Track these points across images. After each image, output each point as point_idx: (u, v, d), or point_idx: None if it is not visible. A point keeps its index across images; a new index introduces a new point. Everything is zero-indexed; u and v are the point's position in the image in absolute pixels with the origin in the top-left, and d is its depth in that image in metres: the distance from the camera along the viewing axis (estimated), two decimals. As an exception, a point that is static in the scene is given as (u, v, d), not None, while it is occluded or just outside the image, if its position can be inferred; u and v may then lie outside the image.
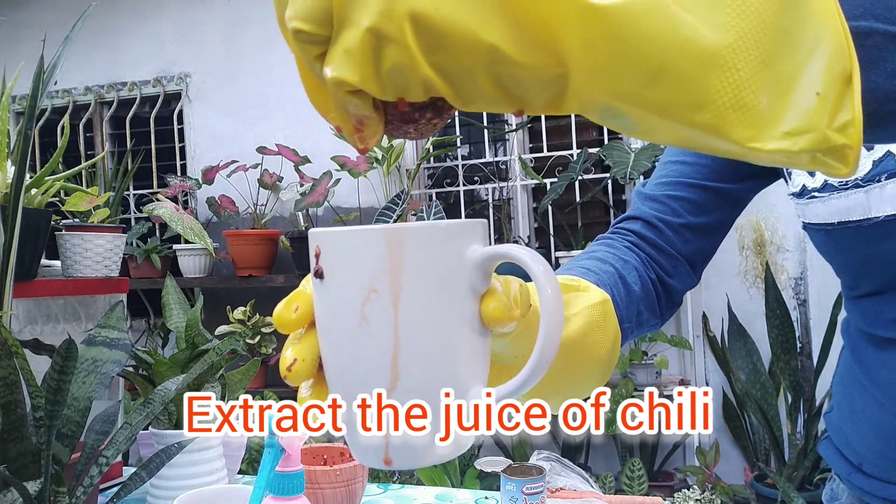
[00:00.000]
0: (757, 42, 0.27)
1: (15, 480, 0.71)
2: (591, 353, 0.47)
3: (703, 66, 0.27)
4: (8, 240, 0.86)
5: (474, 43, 0.27)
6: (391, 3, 0.27)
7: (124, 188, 3.34)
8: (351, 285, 0.33)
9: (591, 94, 0.28)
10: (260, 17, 3.56)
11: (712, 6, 0.27)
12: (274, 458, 0.64)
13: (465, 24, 0.27)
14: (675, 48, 0.27)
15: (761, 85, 0.28)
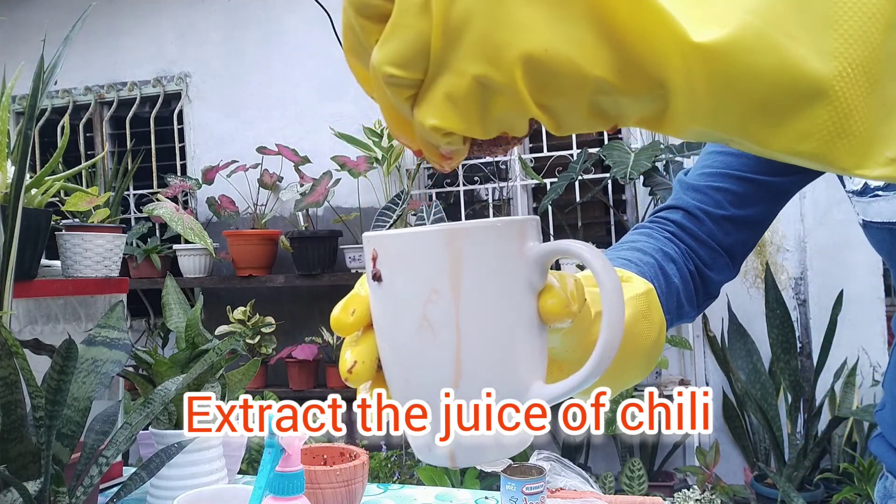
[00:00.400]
0: (864, 67, 0.26)
1: (15, 480, 0.71)
2: (637, 344, 0.47)
3: (810, 98, 0.26)
4: (8, 240, 0.86)
5: (582, 78, 0.27)
6: (500, 50, 0.26)
7: (124, 188, 3.35)
8: (411, 287, 0.33)
9: (690, 122, 0.28)
10: (260, 17, 3.56)
11: (821, 32, 0.26)
12: (274, 458, 0.64)
13: (573, 61, 0.26)
14: (781, 82, 0.26)
15: (867, 111, 0.27)
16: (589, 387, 0.35)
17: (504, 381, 0.34)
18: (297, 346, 3.20)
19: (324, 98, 3.47)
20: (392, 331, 0.35)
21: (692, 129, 0.28)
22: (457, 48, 0.26)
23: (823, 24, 0.26)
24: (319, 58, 3.46)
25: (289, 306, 3.46)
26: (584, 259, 0.33)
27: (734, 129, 0.28)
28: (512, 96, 0.27)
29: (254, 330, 3.13)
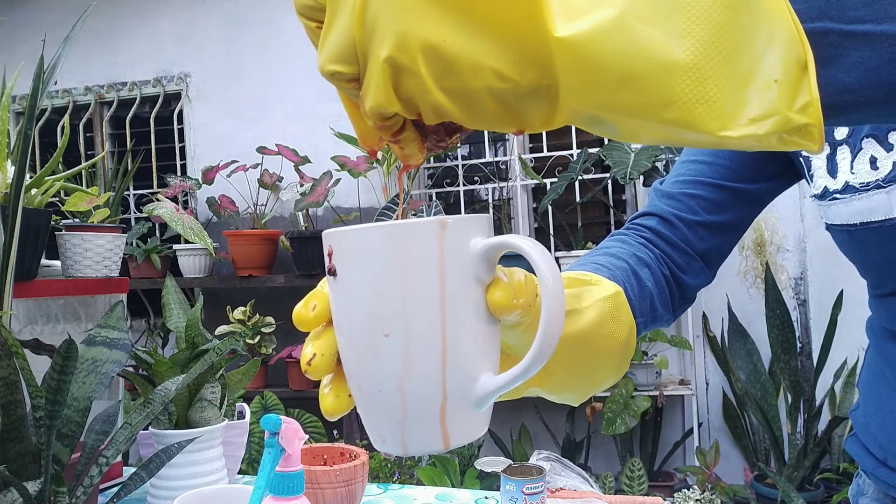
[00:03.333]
0: (713, 42, 0.30)
1: (15, 480, 0.71)
2: (607, 345, 0.48)
3: (664, 69, 0.30)
4: (8, 240, 0.86)
5: (477, 67, 0.31)
6: (404, 38, 0.30)
7: (124, 188, 3.34)
8: (362, 282, 0.35)
9: (574, 105, 0.32)
10: (260, 18, 3.56)
11: (669, 16, 0.30)
12: (274, 458, 0.64)
13: (467, 51, 0.30)
14: (637, 57, 0.30)
15: (723, 79, 0.31)
16: (533, 377, 0.36)
17: (453, 373, 0.35)
18: (297, 346, 3.20)
19: (324, 98, 3.47)
20: (346, 324, 0.36)
21: (579, 114, 0.32)
22: (373, 38, 0.31)
23: (672, 9, 0.30)
24: (319, 58, 3.46)
25: (289, 306, 3.43)
26: (523, 251, 0.34)
27: (608, 105, 0.31)
28: (417, 78, 0.31)
29: (254, 330, 3.13)
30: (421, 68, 0.31)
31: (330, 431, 3.12)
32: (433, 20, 0.30)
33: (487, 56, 0.30)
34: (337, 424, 3.17)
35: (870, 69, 0.32)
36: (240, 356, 3.00)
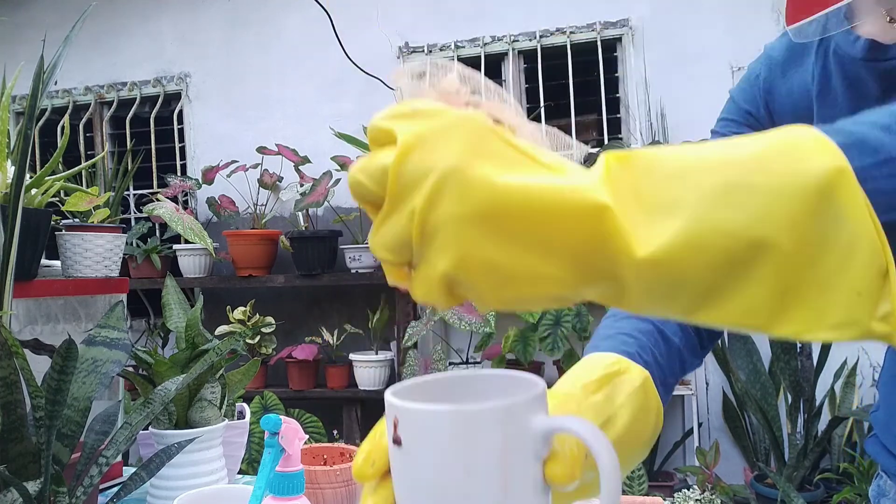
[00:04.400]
0: (797, 250, 0.30)
1: (15, 480, 0.71)
2: (639, 438, 0.49)
3: (745, 281, 0.30)
4: (8, 240, 0.86)
5: (539, 278, 0.32)
6: (464, 257, 0.31)
7: (124, 188, 3.34)
8: (425, 457, 0.37)
9: (644, 307, 0.32)
10: (260, 18, 3.56)
11: (750, 223, 0.30)
12: (274, 458, 0.64)
13: (529, 267, 0.31)
14: (718, 271, 0.30)
15: (806, 287, 0.30)
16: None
17: None
18: (297, 346, 3.20)
19: (324, 98, 3.47)
20: (407, 492, 0.38)
21: (648, 310, 0.33)
22: (431, 247, 0.32)
23: (753, 215, 0.30)
24: (319, 58, 3.46)
25: (289, 306, 3.46)
26: (585, 441, 0.36)
27: (682, 313, 0.32)
28: (474, 290, 0.32)
29: (254, 330, 3.13)
30: (479, 283, 0.32)
31: (330, 431, 3.12)
32: (494, 241, 0.31)
33: (549, 269, 0.31)
34: (337, 424, 3.17)
35: None
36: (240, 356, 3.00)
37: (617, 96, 3.21)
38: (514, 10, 3.26)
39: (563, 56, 3.20)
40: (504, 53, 3.30)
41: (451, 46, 3.31)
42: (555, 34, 3.21)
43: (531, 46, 3.24)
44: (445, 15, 3.33)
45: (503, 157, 0.32)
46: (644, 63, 3.11)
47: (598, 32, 3.15)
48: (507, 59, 3.29)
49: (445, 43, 3.32)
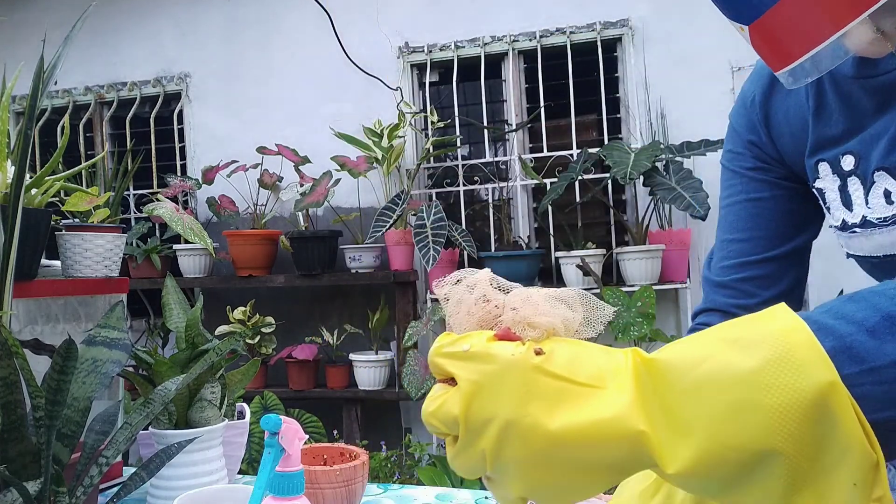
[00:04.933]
0: (797, 452, 0.36)
1: (15, 480, 0.71)
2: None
3: (762, 477, 0.37)
4: (8, 240, 0.86)
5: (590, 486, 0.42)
6: (531, 485, 0.41)
7: (124, 188, 3.35)
8: None
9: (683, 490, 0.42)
10: (260, 17, 3.56)
11: (759, 439, 0.36)
12: (274, 458, 0.64)
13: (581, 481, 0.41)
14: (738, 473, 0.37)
15: (811, 478, 0.36)
16: None
17: None
18: (297, 346, 3.20)
19: (324, 98, 3.47)
20: None
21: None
22: (502, 477, 0.42)
23: (763, 430, 0.36)
24: (319, 58, 3.46)
25: (289, 306, 3.46)
26: None
27: (713, 498, 0.39)
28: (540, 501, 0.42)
29: (254, 330, 3.13)
30: (545, 498, 0.42)
31: (330, 431, 3.12)
32: (554, 472, 0.40)
33: (601, 480, 0.40)
34: (337, 424, 3.17)
35: None
36: (240, 356, 3.00)
37: (617, 96, 3.21)
38: (514, 10, 3.26)
39: (563, 56, 3.20)
40: (504, 53, 3.30)
41: (451, 46, 3.31)
42: (555, 34, 3.21)
43: (531, 46, 3.24)
44: (445, 15, 3.33)
45: (548, 393, 0.39)
46: (644, 63, 3.11)
47: (598, 32, 3.15)
48: (507, 59, 3.29)
49: (445, 43, 3.32)
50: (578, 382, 0.40)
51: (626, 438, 0.38)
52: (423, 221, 2.83)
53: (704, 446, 0.36)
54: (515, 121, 3.26)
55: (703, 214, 2.57)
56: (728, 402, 0.36)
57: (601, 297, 2.78)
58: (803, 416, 0.35)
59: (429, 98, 3.34)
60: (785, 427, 0.35)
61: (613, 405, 0.38)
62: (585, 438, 0.38)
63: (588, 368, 0.40)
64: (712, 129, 3.00)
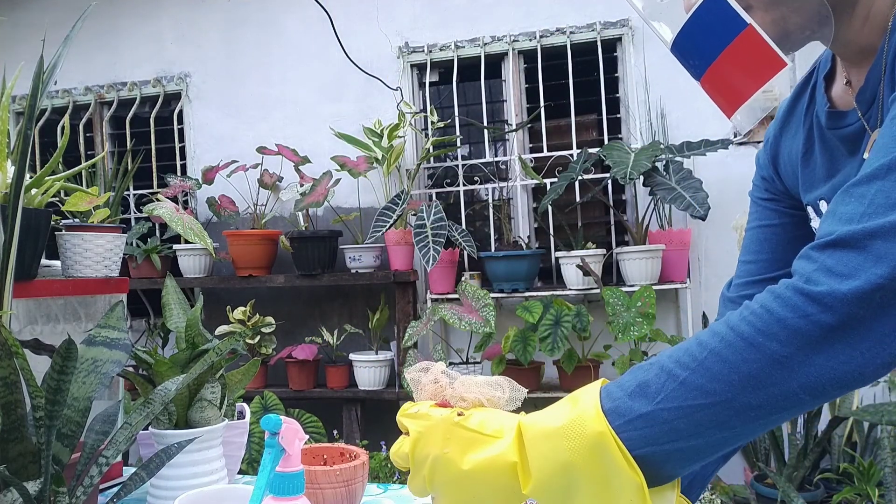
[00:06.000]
0: (590, 470, 0.54)
1: (15, 480, 0.71)
2: None
3: (578, 489, 0.55)
4: (8, 240, 0.86)
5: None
6: (452, 498, 0.60)
7: (124, 188, 3.35)
8: None
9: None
10: (260, 18, 3.56)
11: (565, 459, 0.55)
12: (274, 458, 0.64)
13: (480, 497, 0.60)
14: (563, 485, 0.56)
15: (607, 497, 0.54)
16: None
17: None
18: (297, 346, 3.20)
19: (324, 98, 3.47)
20: None
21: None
22: (437, 492, 0.61)
23: (568, 454, 0.55)
24: (319, 58, 3.46)
25: (289, 306, 3.46)
26: None
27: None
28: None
29: (254, 330, 3.13)
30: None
31: (330, 431, 3.12)
32: (466, 491, 0.58)
33: (493, 498, 0.59)
34: (337, 424, 3.17)
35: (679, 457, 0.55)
36: (240, 356, 3.00)
37: (617, 96, 3.21)
38: (514, 10, 3.26)
39: (563, 56, 3.20)
40: (504, 53, 3.30)
41: (451, 46, 3.31)
42: (555, 34, 3.21)
43: (531, 46, 3.24)
44: (445, 15, 3.33)
45: (462, 440, 0.58)
46: (644, 63, 3.11)
47: (598, 32, 3.15)
48: (507, 59, 3.29)
49: (445, 43, 3.32)
50: (485, 434, 0.58)
51: (506, 468, 0.56)
52: (423, 221, 2.83)
53: (539, 472, 0.55)
54: (515, 121, 3.26)
55: (703, 214, 2.57)
56: (553, 446, 0.55)
57: (601, 297, 2.78)
58: (587, 448, 0.54)
59: (429, 98, 3.34)
60: (577, 452, 0.54)
61: (500, 446, 0.57)
62: (482, 469, 0.57)
63: (493, 425, 0.59)
64: (712, 129, 3.00)
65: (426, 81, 3.33)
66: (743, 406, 0.51)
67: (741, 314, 0.53)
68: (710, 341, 0.53)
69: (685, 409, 0.52)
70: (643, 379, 0.55)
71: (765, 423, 0.52)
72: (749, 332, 0.51)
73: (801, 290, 0.51)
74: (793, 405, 0.51)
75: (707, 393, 0.51)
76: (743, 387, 0.50)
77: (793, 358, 0.49)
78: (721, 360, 0.51)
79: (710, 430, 0.52)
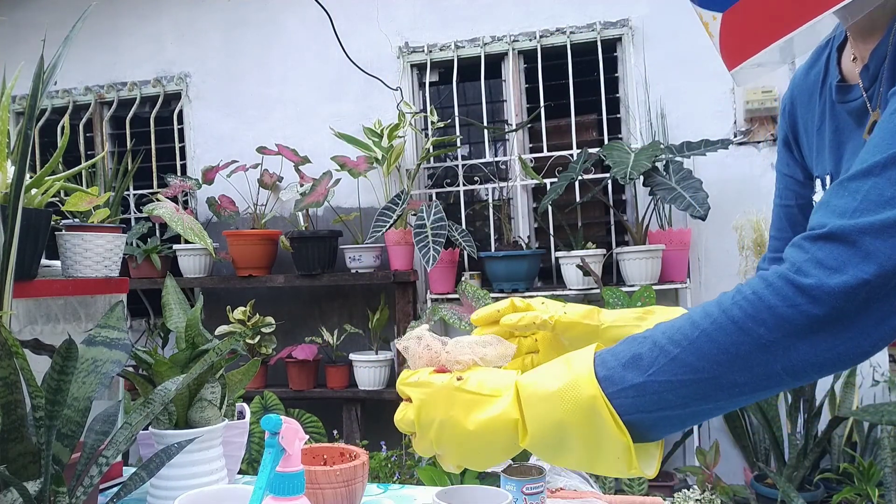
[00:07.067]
0: (582, 429, 0.58)
1: (15, 480, 0.71)
2: None
3: (571, 447, 0.61)
4: (8, 240, 0.86)
5: (491, 456, 0.65)
6: (460, 456, 0.65)
7: (124, 188, 3.34)
8: None
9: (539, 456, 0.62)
10: (260, 18, 3.56)
11: (559, 418, 0.59)
12: (274, 458, 0.64)
13: (486, 452, 0.64)
14: (556, 439, 0.61)
15: (600, 455, 0.59)
16: None
17: None
18: (297, 346, 3.20)
19: (324, 98, 3.47)
20: None
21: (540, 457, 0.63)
22: (443, 451, 0.66)
23: (561, 414, 0.60)
24: (319, 58, 3.46)
25: (289, 306, 3.46)
26: None
27: (552, 461, 0.63)
28: (452, 461, 0.67)
29: (254, 330, 3.13)
30: (461, 461, 0.65)
31: (330, 431, 3.12)
32: (471, 448, 0.63)
33: (496, 453, 0.64)
34: (337, 424, 3.17)
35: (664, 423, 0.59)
36: (240, 356, 3.00)
37: (617, 96, 3.21)
38: (514, 10, 3.26)
39: (563, 56, 3.20)
40: (504, 53, 3.30)
41: (451, 46, 3.31)
42: (555, 34, 3.21)
43: (531, 46, 3.24)
44: (445, 15, 3.33)
45: (464, 403, 0.62)
46: (644, 63, 3.11)
47: (598, 32, 3.15)
48: (507, 59, 3.29)
49: (445, 43, 3.32)
50: (484, 394, 0.62)
51: (508, 424, 0.61)
52: (423, 221, 2.83)
53: (536, 426, 0.59)
54: (515, 121, 3.26)
55: (702, 214, 2.56)
56: (550, 407, 0.59)
57: (601, 296, 2.78)
58: (583, 411, 0.58)
59: (429, 98, 3.34)
60: (570, 413, 0.58)
61: (501, 405, 0.61)
62: (486, 427, 0.61)
63: (490, 385, 0.62)
64: (712, 129, 3.00)
65: (426, 81, 3.33)
66: (728, 383, 0.55)
67: (733, 298, 0.55)
68: (702, 322, 0.56)
69: (674, 382, 0.56)
70: (637, 351, 0.58)
71: (747, 399, 0.56)
72: (739, 317, 0.54)
73: (791, 281, 0.53)
74: (775, 384, 0.54)
75: (696, 370, 0.55)
76: (730, 366, 0.54)
77: (778, 343, 0.52)
78: (711, 340, 0.54)
79: (696, 402, 0.56)
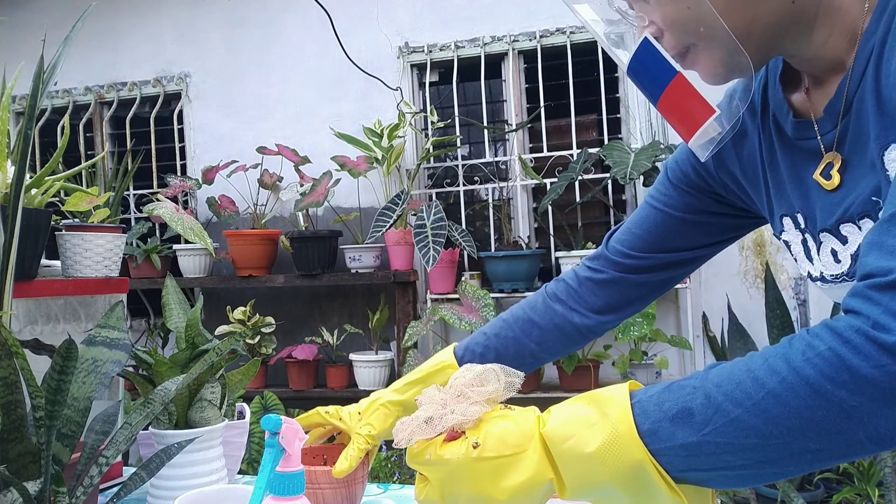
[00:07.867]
0: (631, 495, 0.55)
1: (15, 480, 0.71)
2: None
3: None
4: (8, 240, 0.86)
5: None
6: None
7: (124, 188, 3.34)
8: None
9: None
10: (260, 18, 3.56)
11: (606, 480, 0.55)
12: (274, 458, 0.64)
13: None
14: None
15: None
16: None
17: None
18: (297, 346, 3.19)
19: (324, 98, 3.47)
20: None
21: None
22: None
23: (609, 478, 0.55)
24: (319, 58, 3.46)
25: (289, 306, 3.46)
26: None
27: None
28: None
29: (254, 330, 3.13)
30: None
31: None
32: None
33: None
34: (337, 424, 3.17)
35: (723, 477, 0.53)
36: (240, 356, 3.00)
37: (617, 96, 3.21)
38: (514, 10, 3.26)
39: (563, 56, 3.20)
40: (504, 53, 3.30)
41: (451, 46, 3.31)
42: (555, 34, 3.21)
43: (531, 46, 3.24)
44: (445, 15, 3.33)
45: (490, 472, 0.57)
46: (644, 63, 3.11)
47: (598, 32, 3.14)
48: (507, 59, 3.29)
49: (445, 43, 3.32)
50: (507, 455, 0.57)
51: (544, 483, 0.56)
52: (423, 221, 2.83)
53: (571, 487, 0.56)
54: (515, 121, 3.26)
55: (703, 214, 2.56)
56: (579, 467, 0.55)
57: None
58: (625, 474, 0.53)
59: (429, 98, 3.34)
60: (614, 476, 0.54)
61: (532, 465, 0.56)
62: (520, 493, 0.57)
63: (512, 441, 0.57)
64: (712, 129, 3.00)
65: (426, 81, 3.33)
66: (800, 450, 0.49)
67: (804, 354, 0.49)
68: (768, 380, 0.49)
69: (735, 445, 0.50)
70: (686, 405, 0.52)
71: (820, 465, 0.50)
72: (815, 378, 0.47)
73: (872, 338, 0.47)
74: (855, 452, 0.49)
75: (762, 435, 0.49)
76: (803, 432, 0.48)
77: (862, 408, 0.46)
78: (781, 403, 0.48)
79: (760, 465, 0.50)
